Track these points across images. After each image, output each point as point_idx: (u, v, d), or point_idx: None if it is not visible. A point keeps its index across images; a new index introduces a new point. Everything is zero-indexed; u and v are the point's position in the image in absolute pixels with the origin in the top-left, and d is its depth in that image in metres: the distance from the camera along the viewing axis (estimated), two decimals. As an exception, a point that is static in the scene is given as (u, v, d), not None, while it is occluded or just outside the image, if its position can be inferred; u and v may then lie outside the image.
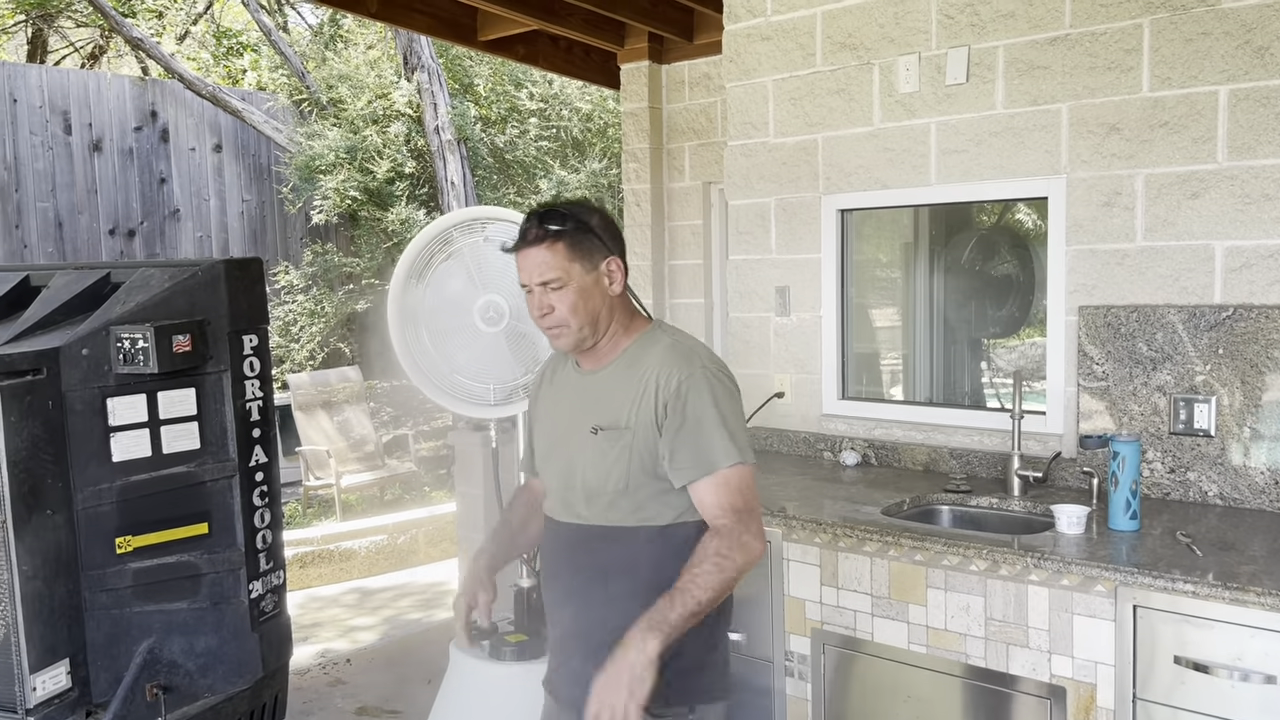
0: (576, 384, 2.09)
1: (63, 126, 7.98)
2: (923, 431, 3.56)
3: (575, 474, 2.03)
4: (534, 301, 2.00)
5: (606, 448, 1.99)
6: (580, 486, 2.03)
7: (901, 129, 3.53)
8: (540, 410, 2.17)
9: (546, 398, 2.15)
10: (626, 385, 2.00)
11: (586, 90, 8.85)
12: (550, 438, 2.11)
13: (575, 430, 2.04)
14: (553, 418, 2.12)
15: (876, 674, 2.84)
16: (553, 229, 1.96)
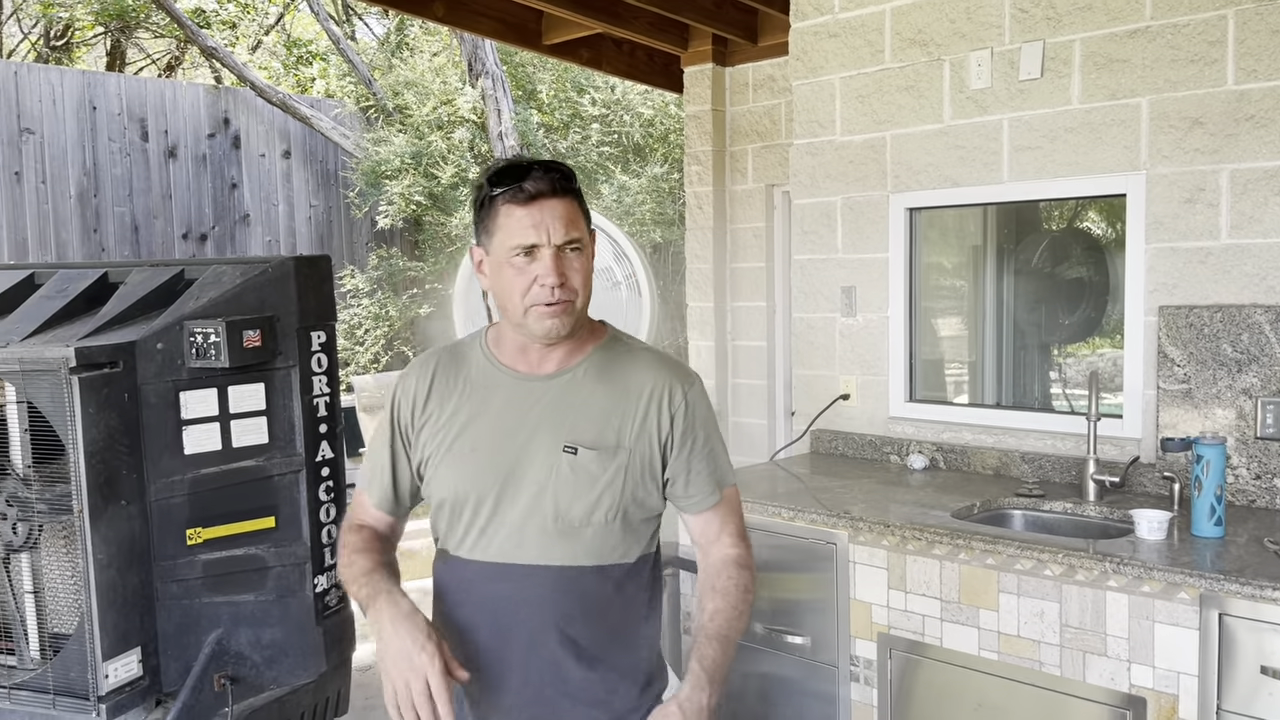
0: (522, 391, 1.69)
1: (140, 133, 8.19)
2: (993, 435, 3.48)
3: (544, 504, 1.66)
4: (542, 266, 1.59)
5: (596, 471, 1.66)
6: (554, 519, 1.66)
7: (972, 126, 3.46)
8: (441, 423, 1.70)
9: (453, 407, 1.70)
10: (612, 397, 1.70)
11: (649, 95, 8.85)
12: (481, 459, 1.67)
13: (534, 449, 1.66)
14: (480, 433, 1.68)
15: (945, 680, 2.77)
16: (567, 184, 1.63)
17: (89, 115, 7.91)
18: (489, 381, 1.70)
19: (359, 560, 1.69)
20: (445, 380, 1.72)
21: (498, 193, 1.61)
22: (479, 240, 1.67)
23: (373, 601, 1.60)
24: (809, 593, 3.06)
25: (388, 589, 1.61)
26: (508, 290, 1.63)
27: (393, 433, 1.74)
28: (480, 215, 1.65)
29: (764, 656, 3.17)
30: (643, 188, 8.36)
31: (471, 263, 1.72)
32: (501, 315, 1.70)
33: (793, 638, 3.10)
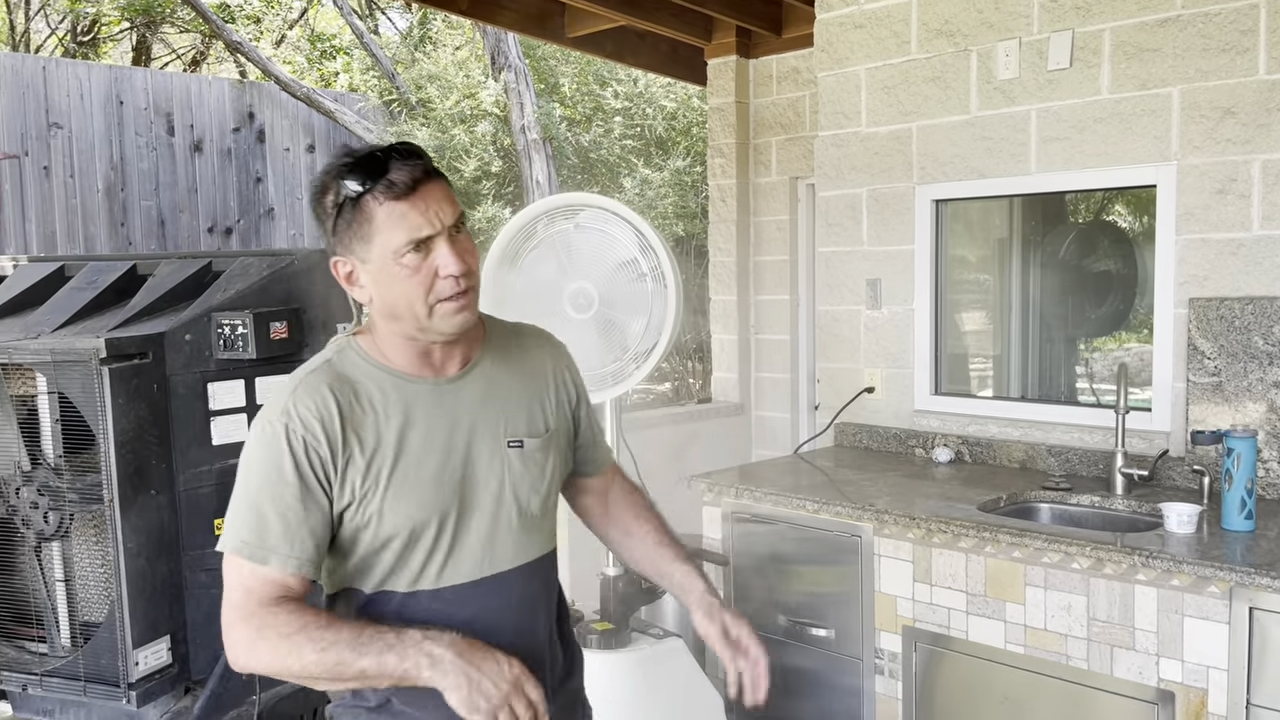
0: (440, 397, 1.54)
1: (166, 128, 8.26)
2: (1020, 428, 3.46)
3: (507, 505, 1.57)
4: (443, 257, 1.44)
5: (541, 459, 1.61)
6: (519, 516, 1.58)
7: (1000, 117, 3.43)
8: (368, 457, 1.47)
9: (374, 436, 1.47)
10: (524, 381, 1.63)
11: (671, 88, 8.84)
12: (430, 479, 1.50)
13: (478, 453, 1.55)
14: (417, 453, 1.50)
15: (971, 673, 2.76)
16: (431, 163, 1.49)
17: (116, 110, 7.98)
18: (400, 397, 1.50)
19: (332, 629, 1.37)
20: (350, 410, 1.46)
21: (365, 191, 1.42)
22: (342, 250, 1.46)
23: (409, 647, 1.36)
24: (833, 585, 3.05)
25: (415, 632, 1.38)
26: (403, 295, 1.44)
27: (301, 483, 1.42)
28: (343, 220, 1.44)
29: (788, 649, 3.16)
30: (665, 181, 8.35)
31: (338, 276, 1.49)
32: (389, 324, 1.50)
33: (817, 630, 3.09)
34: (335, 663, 1.35)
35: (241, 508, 1.43)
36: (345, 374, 1.49)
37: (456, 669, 1.34)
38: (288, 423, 1.42)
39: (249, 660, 1.40)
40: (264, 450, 1.43)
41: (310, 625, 1.37)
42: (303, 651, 1.35)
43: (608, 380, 2.82)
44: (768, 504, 3.17)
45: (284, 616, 1.38)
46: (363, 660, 1.34)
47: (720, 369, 5.60)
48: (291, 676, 1.38)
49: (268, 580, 1.40)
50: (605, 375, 2.81)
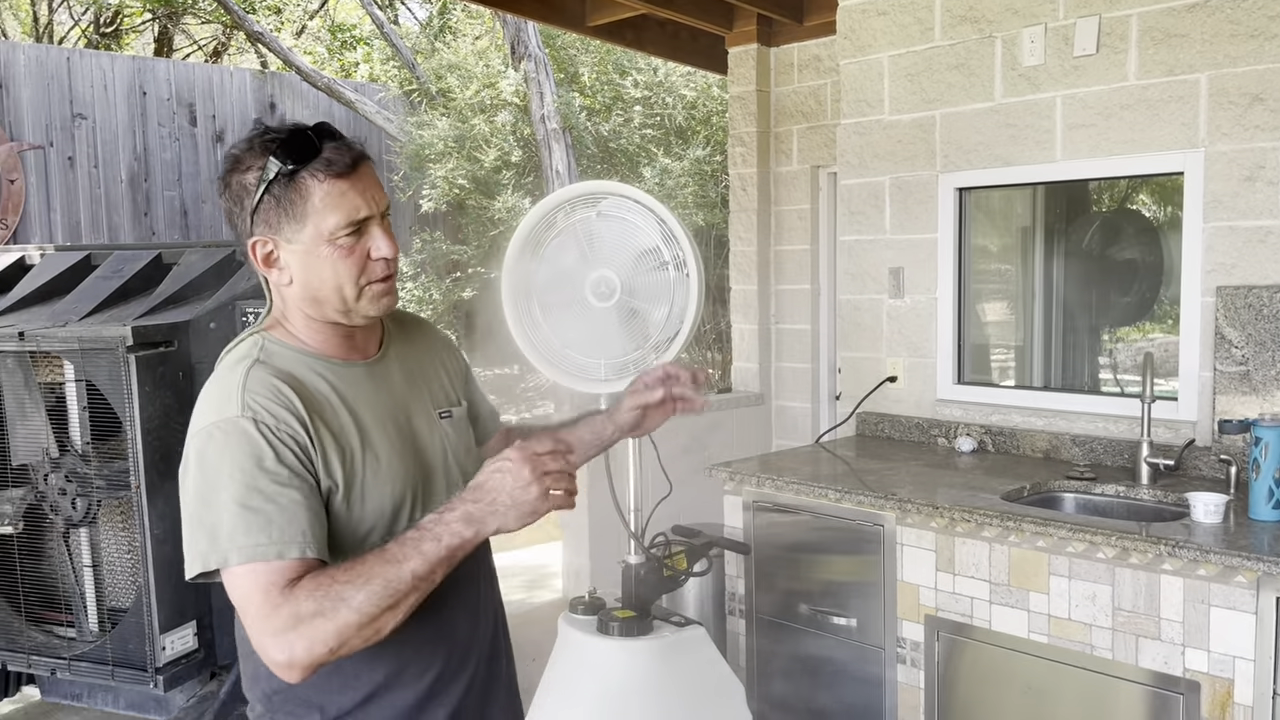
0: (372, 379, 1.52)
1: (188, 118, 8.30)
2: (1043, 418, 3.44)
3: (454, 474, 1.59)
4: (377, 240, 1.44)
5: (465, 428, 1.66)
6: (462, 484, 1.53)
7: (1024, 104, 3.41)
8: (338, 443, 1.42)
9: (335, 423, 1.43)
10: (428, 357, 1.66)
11: (692, 77, 8.81)
12: (394, 459, 1.48)
13: (419, 429, 1.56)
14: (374, 435, 1.47)
15: (993, 663, 2.75)
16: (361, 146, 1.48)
17: (139, 100, 8.03)
18: (340, 381, 1.46)
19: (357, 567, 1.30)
20: (307, 399, 1.40)
21: (300, 168, 1.38)
22: (265, 229, 1.40)
23: (436, 528, 1.32)
24: (855, 574, 3.05)
25: (425, 518, 1.35)
26: (333, 277, 1.41)
27: (288, 470, 1.34)
28: (271, 198, 1.38)
29: (809, 638, 3.16)
30: (685, 170, 8.34)
31: (253, 258, 1.43)
32: (309, 308, 1.45)
33: (838, 619, 3.09)
34: (384, 586, 1.27)
35: (218, 514, 1.30)
36: (280, 367, 1.41)
37: (487, 510, 1.31)
38: (255, 416, 1.34)
39: (305, 648, 1.25)
40: (234, 449, 1.32)
41: (336, 576, 1.29)
42: (348, 597, 1.26)
43: (629, 368, 2.82)
44: (789, 493, 3.16)
45: (307, 585, 1.29)
46: (406, 565, 1.28)
47: (740, 359, 5.59)
48: (354, 633, 1.26)
49: (285, 571, 1.30)
50: (627, 364, 2.80)
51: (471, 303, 9.44)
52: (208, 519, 1.31)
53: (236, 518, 1.30)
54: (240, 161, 1.41)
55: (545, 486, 1.32)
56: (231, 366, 1.41)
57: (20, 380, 3.05)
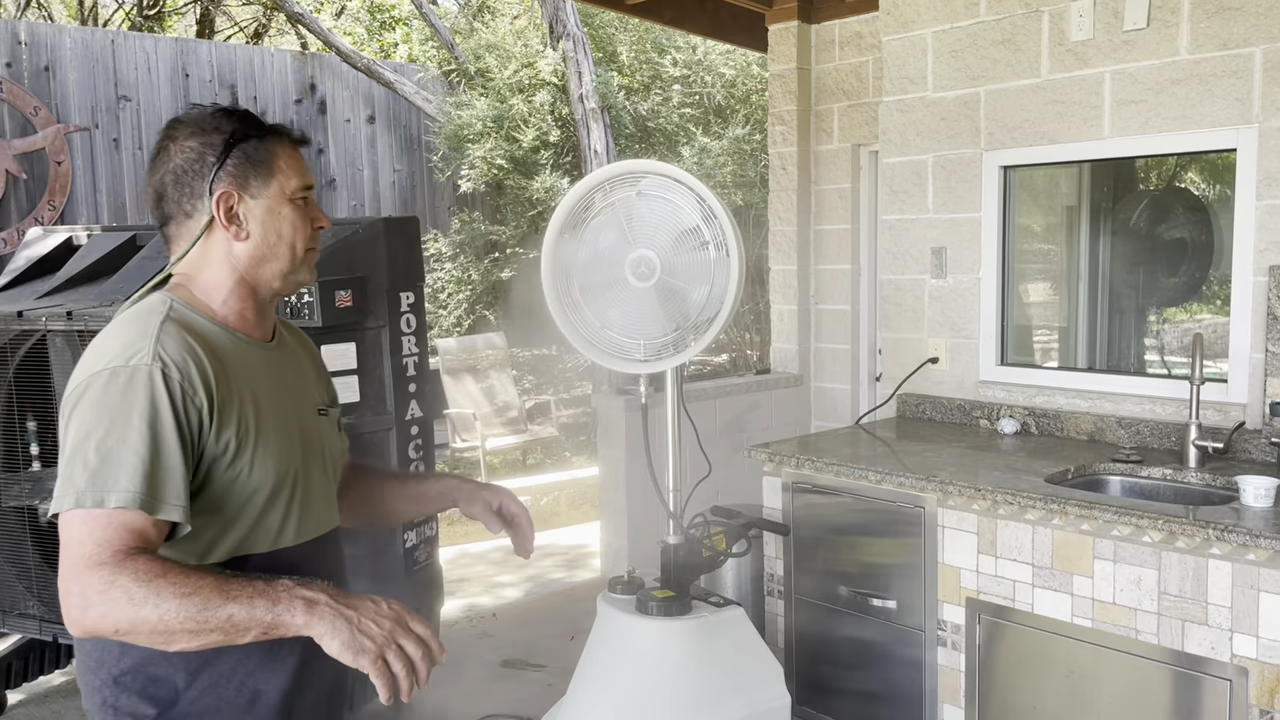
0: (269, 360, 1.54)
1: (230, 100, 8.37)
2: (1088, 399, 3.39)
3: (329, 467, 1.61)
4: (316, 209, 1.56)
5: (335, 432, 1.67)
6: (334, 479, 1.63)
7: (1072, 80, 3.34)
8: (237, 405, 1.42)
9: (238, 386, 1.44)
10: (307, 360, 1.67)
11: (731, 55, 8.74)
12: (283, 434, 1.49)
13: (304, 416, 1.57)
14: (269, 409, 1.48)
15: (1035, 646, 2.73)
16: None
17: (182, 82, 8.11)
18: (240, 353, 1.48)
19: (195, 574, 1.27)
20: (213, 359, 1.41)
21: (266, 134, 1.50)
22: (232, 184, 1.46)
23: (281, 593, 1.27)
24: (895, 556, 3.03)
25: (285, 579, 1.30)
26: (288, 235, 1.50)
27: (179, 429, 1.34)
28: (241, 154, 1.47)
29: (849, 619, 3.15)
30: (724, 149, 8.28)
31: (216, 211, 1.47)
32: (254, 268, 1.50)
33: (878, 601, 3.07)
34: (200, 608, 1.24)
35: (106, 456, 1.30)
36: (191, 325, 1.43)
37: (334, 613, 1.26)
38: (163, 368, 1.35)
39: (97, 615, 1.25)
40: (137, 394, 1.33)
41: (173, 571, 1.26)
42: (163, 597, 1.23)
43: (669, 349, 2.81)
44: (829, 474, 3.14)
45: (143, 563, 1.26)
46: (230, 606, 1.24)
47: (779, 340, 5.56)
48: (145, 631, 1.25)
49: (133, 531, 1.29)
50: (666, 344, 2.80)
51: (509, 283, 9.46)
52: (92, 459, 1.30)
53: (123, 463, 1.30)
54: (198, 125, 1.49)
55: (382, 650, 1.26)
56: (141, 315, 1.42)
57: (69, 359, 3.10)
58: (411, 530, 3.43)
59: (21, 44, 7.39)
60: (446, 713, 3.69)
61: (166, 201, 1.49)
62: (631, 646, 2.76)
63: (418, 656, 1.29)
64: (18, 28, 7.56)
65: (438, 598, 3.63)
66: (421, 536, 3.50)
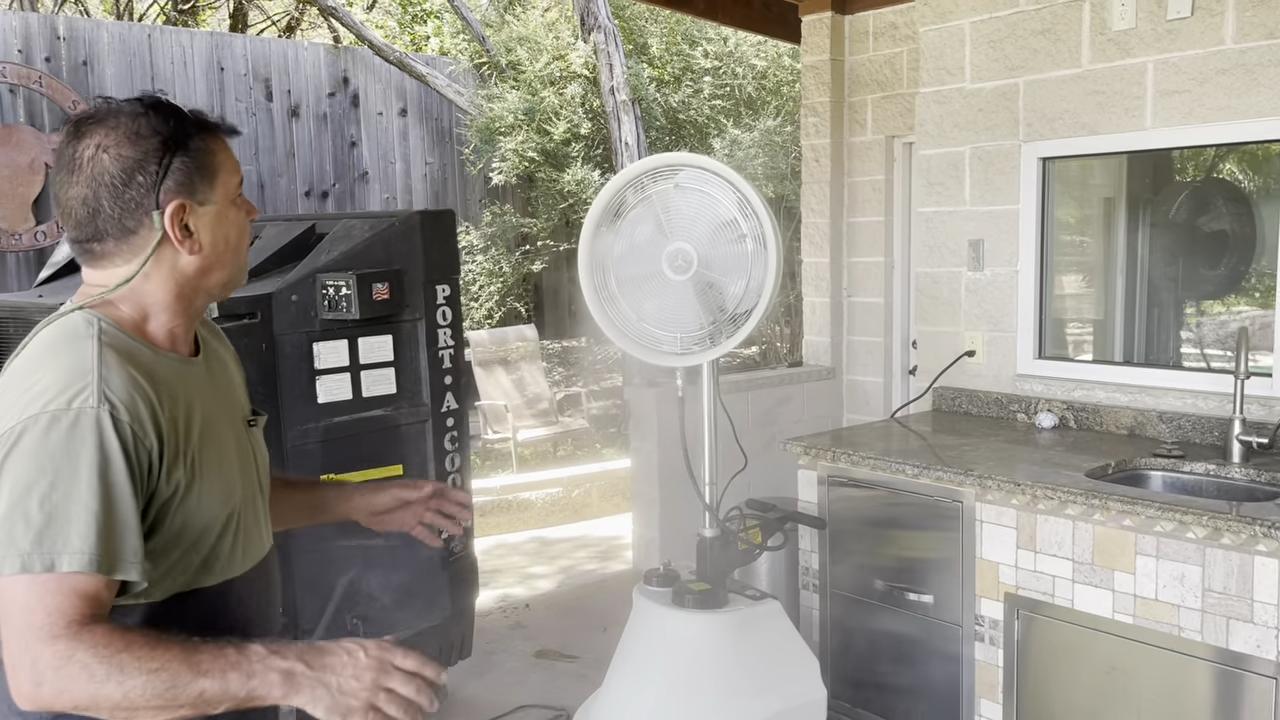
0: (196, 377, 1.41)
1: (265, 93, 8.43)
2: (1128, 393, 3.35)
3: (264, 485, 1.53)
4: (246, 205, 1.44)
5: (261, 442, 1.56)
6: (262, 497, 1.52)
7: (1113, 70, 3.30)
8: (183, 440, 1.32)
9: (179, 416, 1.32)
10: (230, 360, 1.58)
11: (762, 46, 8.70)
12: (225, 463, 1.40)
13: (236, 434, 1.47)
14: (208, 435, 1.37)
15: (1076, 643, 2.71)
16: None
17: (217, 76, 8.18)
18: (173, 376, 1.35)
19: (161, 647, 1.18)
20: (155, 389, 1.29)
21: (203, 130, 1.36)
22: (181, 192, 1.33)
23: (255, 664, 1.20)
24: (932, 551, 3.01)
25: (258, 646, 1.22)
26: (237, 238, 1.41)
27: (131, 479, 1.22)
28: (187, 157, 1.33)
29: (885, 613, 3.14)
30: (755, 141, 8.25)
31: (168, 225, 1.33)
32: (197, 280, 1.38)
33: (915, 595, 3.06)
34: (168, 685, 1.16)
35: (52, 513, 1.18)
36: (126, 350, 1.30)
37: (312, 680, 1.21)
38: (112, 411, 1.22)
39: (52, 692, 1.15)
40: (84, 441, 1.20)
41: (136, 644, 1.17)
42: (127, 674, 1.15)
43: (705, 342, 2.81)
44: (865, 468, 3.13)
45: (101, 635, 1.16)
46: (201, 681, 1.17)
47: (811, 332, 5.54)
48: (107, 708, 1.16)
49: (86, 596, 1.18)
50: (703, 337, 2.79)
51: (540, 275, 9.48)
52: (36, 516, 1.17)
53: (74, 521, 1.18)
54: (127, 127, 1.31)
55: (374, 701, 1.22)
56: (71, 341, 1.28)
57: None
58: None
59: (60, 39, 7.48)
60: (481, 703, 3.71)
61: (101, 218, 1.31)
62: (668, 639, 2.77)
63: (411, 692, 1.24)
64: (56, 22, 7.65)
65: (473, 588, 3.65)
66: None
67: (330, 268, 3.18)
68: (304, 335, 3.15)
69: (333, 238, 3.30)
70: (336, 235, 3.30)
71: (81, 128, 1.32)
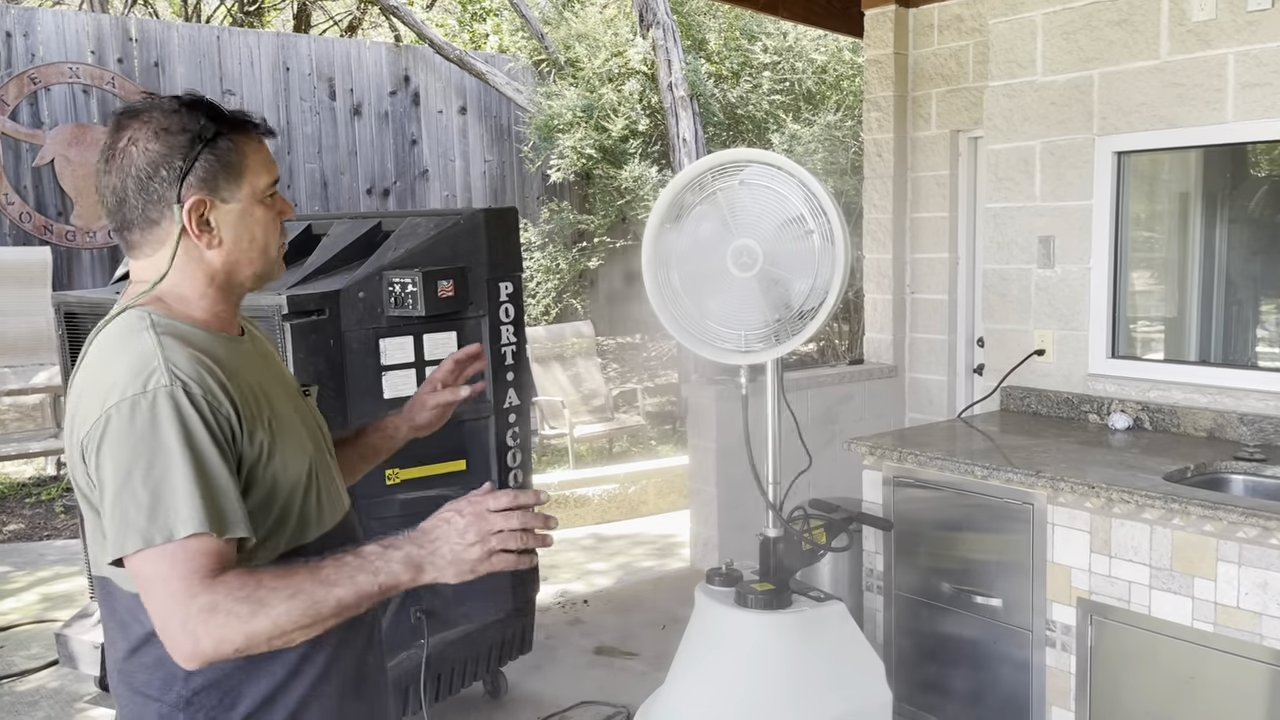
0: (252, 355, 1.49)
1: (328, 93, 8.56)
2: (1207, 394, 3.25)
3: (329, 446, 1.60)
4: (284, 203, 1.49)
5: (317, 410, 1.64)
6: (334, 457, 1.61)
7: (1193, 61, 3.20)
8: (254, 409, 1.39)
9: (245, 389, 1.39)
10: (269, 344, 1.62)
11: (822, 41, 8.62)
12: (296, 426, 1.47)
13: (296, 404, 1.53)
14: (273, 405, 1.44)
15: (1152, 651, 2.63)
16: None
17: (283, 76, 8.31)
18: (231, 356, 1.42)
19: (287, 575, 1.28)
20: (219, 367, 1.36)
21: (233, 130, 1.40)
22: (203, 189, 1.38)
23: (374, 561, 1.29)
24: (1001, 554, 2.95)
25: (369, 545, 1.31)
26: (263, 236, 1.44)
27: (217, 445, 1.30)
28: (213, 155, 1.38)
29: (951, 616, 3.09)
30: (814, 136, 8.18)
31: (186, 220, 1.38)
32: (228, 274, 1.43)
33: (982, 599, 3.00)
34: (309, 604, 1.25)
35: (155, 489, 1.25)
36: (180, 334, 1.37)
37: (429, 556, 1.30)
38: (185, 386, 1.29)
39: (212, 643, 1.24)
40: (163, 417, 1.27)
41: (264, 579, 1.26)
42: (270, 605, 1.24)
43: (769, 339, 2.78)
44: (933, 469, 3.08)
45: (233, 581, 1.25)
46: (336, 590, 1.26)
47: (873, 330, 5.47)
48: (263, 641, 1.25)
49: (213, 554, 1.26)
50: (767, 335, 2.77)
51: (597, 272, 9.50)
52: (142, 495, 1.25)
53: (178, 492, 1.26)
54: (160, 121, 1.37)
55: (490, 548, 1.29)
56: (129, 335, 1.35)
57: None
58: (509, 517, 3.46)
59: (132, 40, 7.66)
60: (542, 698, 3.72)
61: (127, 207, 1.38)
62: (731, 639, 2.75)
63: (516, 524, 1.30)
64: (129, 25, 7.83)
65: (533, 584, 3.66)
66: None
67: (396, 265, 3.20)
68: (370, 331, 3.18)
69: (399, 235, 3.32)
70: (402, 233, 3.33)
71: (121, 120, 1.39)
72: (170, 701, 1.38)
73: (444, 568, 1.30)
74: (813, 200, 2.62)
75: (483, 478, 3.35)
